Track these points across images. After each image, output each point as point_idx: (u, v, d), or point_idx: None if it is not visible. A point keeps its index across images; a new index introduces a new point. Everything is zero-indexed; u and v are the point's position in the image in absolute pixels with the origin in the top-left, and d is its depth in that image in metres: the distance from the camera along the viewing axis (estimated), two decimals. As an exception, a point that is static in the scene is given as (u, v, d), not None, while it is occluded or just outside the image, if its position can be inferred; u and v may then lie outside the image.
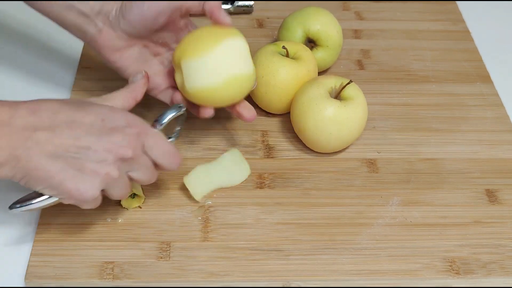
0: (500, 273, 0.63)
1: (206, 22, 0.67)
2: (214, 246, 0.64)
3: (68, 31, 0.69)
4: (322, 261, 0.63)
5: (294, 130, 0.74)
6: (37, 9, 0.68)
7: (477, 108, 0.80)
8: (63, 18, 0.67)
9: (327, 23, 0.79)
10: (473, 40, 0.91)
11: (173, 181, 0.69)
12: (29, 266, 0.61)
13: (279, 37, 0.82)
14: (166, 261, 0.62)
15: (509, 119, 0.79)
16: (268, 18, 0.93)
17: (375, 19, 0.94)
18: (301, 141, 0.74)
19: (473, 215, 0.68)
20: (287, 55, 0.75)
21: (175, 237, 0.64)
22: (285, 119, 0.77)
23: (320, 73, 0.80)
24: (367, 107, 0.72)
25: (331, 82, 0.71)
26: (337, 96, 0.71)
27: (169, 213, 0.66)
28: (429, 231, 0.66)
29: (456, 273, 0.62)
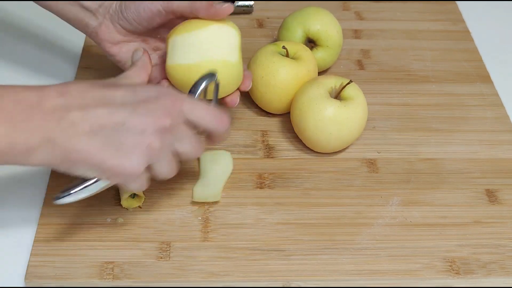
0: (500, 273, 0.63)
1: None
2: (214, 246, 0.63)
3: (70, 24, 0.70)
4: (322, 261, 0.63)
5: (294, 130, 0.74)
6: (39, 3, 0.69)
7: (477, 108, 0.80)
8: (65, 12, 0.68)
9: (327, 23, 0.79)
10: (473, 40, 0.91)
11: (173, 181, 0.69)
12: (29, 266, 0.61)
13: (279, 37, 0.82)
14: (166, 261, 0.62)
15: (509, 119, 0.79)
16: (268, 18, 0.93)
17: (375, 19, 0.94)
18: (301, 141, 0.74)
19: (473, 215, 0.68)
20: (287, 55, 0.75)
21: (175, 237, 0.64)
22: (285, 119, 0.77)
23: (320, 73, 0.80)
24: (367, 107, 0.72)
25: (331, 82, 0.71)
26: (337, 96, 0.71)
27: (169, 213, 0.66)
28: (429, 231, 0.66)
29: (456, 273, 0.62)
